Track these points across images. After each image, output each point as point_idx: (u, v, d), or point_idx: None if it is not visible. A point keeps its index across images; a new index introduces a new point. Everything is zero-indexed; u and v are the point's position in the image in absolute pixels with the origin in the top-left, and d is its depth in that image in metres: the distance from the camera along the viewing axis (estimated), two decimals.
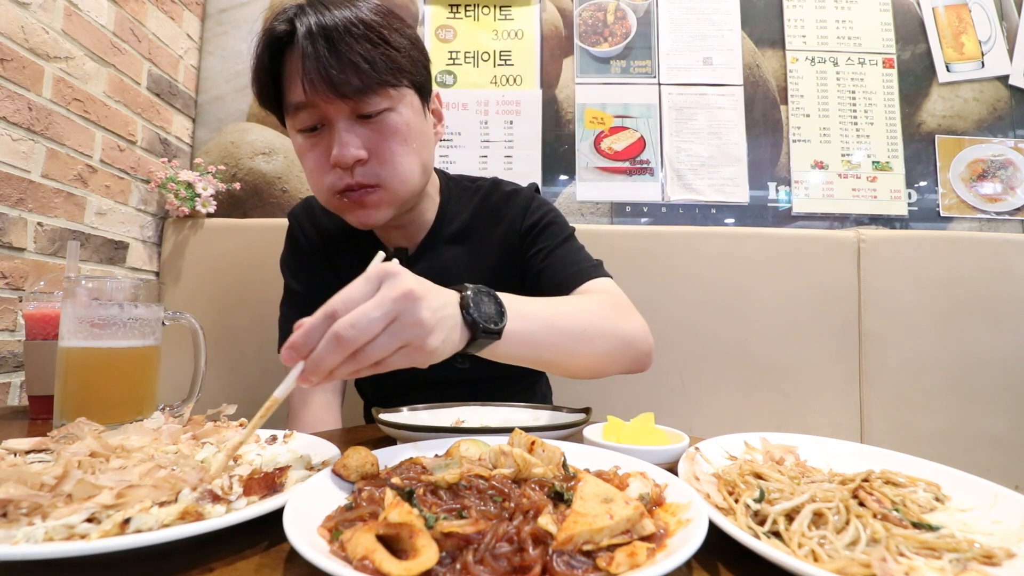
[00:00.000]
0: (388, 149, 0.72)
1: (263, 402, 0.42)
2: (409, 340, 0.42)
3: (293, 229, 0.93)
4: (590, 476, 0.35)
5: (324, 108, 0.69)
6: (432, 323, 0.43)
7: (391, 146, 0.72)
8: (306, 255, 0.90)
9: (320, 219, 0.91)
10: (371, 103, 0.69)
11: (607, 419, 0.57)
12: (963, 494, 0.39)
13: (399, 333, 0.41)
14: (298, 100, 0.69)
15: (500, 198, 0.89)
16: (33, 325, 0.79)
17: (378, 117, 0.70)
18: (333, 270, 0.89)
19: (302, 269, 0.90)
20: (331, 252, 0.89)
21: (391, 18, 0.71)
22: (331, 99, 0.67)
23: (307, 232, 0.91)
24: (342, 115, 0.69)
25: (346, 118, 0.70)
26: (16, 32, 0.96)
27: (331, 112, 0.69)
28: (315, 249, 0.90)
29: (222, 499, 0.35)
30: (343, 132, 0.69)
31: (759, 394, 1.29)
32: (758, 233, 1.37)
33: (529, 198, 0.89)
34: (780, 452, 0.49)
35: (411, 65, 0.72)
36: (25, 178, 0.99)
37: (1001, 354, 1.26)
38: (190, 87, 1.48)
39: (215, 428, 0.50)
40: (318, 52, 0.65)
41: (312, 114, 0.70)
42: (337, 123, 0.69)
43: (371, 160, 0.71)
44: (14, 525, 0.30)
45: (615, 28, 1.55)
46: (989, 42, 1.53)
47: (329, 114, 0.69)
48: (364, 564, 0.26)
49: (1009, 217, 1.48)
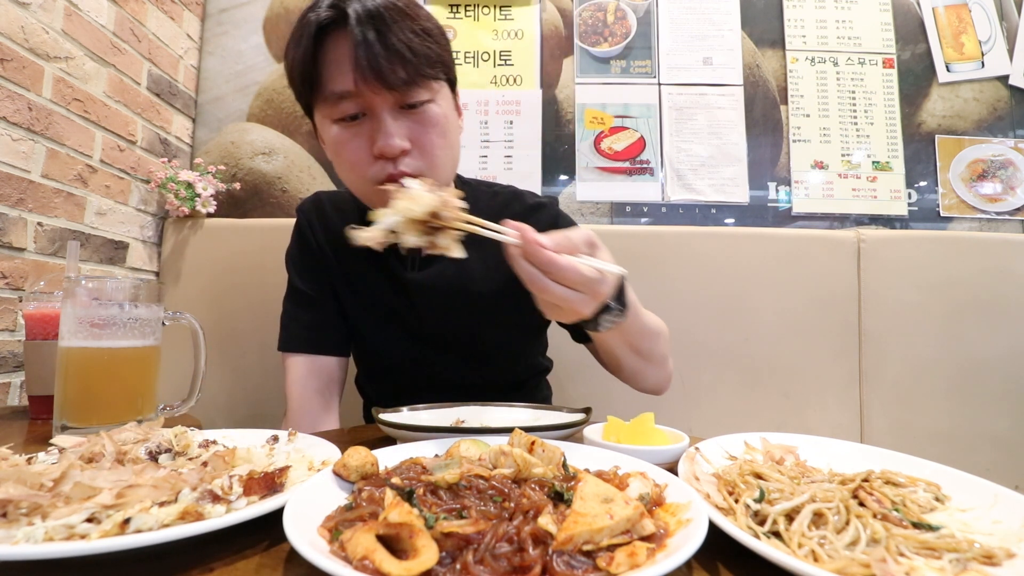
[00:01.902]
0: (429, 141, 0.71)
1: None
2: (591, 291, 0.53)
3: (301, 225, 0.91)
4: (590, 476, 0.35)
5: (369, 98, 0.67)
6: (608, 290, 0.55)
7: (432, 138, 0.71)
8: (313, 252, 0.89)
9: (330, 216, 0.89)
10: (416, 94, 0.69)
11: (607, 419, 0.57)
12: (963, 494, 0.39)
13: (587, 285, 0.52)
14: (343, 88, 0.67)
15: (524, 209, 0.88)
16: (33, 325, 0.79)
17: (420, 108, 0.70)
18: (340, 268, 0.87)
19: (308, 266, 0.89)
20: (339, 250, 0.88)
21: (421, 10, 0.71)
22: (379, 89, 0.66)
23: (316, 229, 0.89)
24: (387, 105, 0.68)
25: (391, 108, 0.69)
26: (16, 32, 0.96)
27: (376, 102, 0.68)
28: (323, 246, 0.88)
29: (222, 499, 0.34)
30: (390, 122, 0.68)
31: (759, 394, 1.29)
32: (758, 233, 1.37)
33: (556, 215, 0.89)
34: (780, 452, 0.49)
35: (448, 58, 0.74)
36: (25, 178, 0.99)
37: (1001, 354, 1.26)
38: (190, 87, 1.48)
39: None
40: (368, 39, 0.64)
41: (355, 103, 0.68)
42: (382, 113, 0.68)
43: (413, 151, 0.70)
44: (14, 525, 0.30)
45: (615, 28, 1.55)
46: (989, 42, 1.53)
47: (374, 104, 0.68)
48: (364, 564, 0.26)
49: (1009, 217, 1.48)
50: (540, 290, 0.52)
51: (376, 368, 0.94)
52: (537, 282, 0.51)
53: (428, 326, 0.86)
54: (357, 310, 0.88)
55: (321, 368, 0.86)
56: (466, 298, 0.84)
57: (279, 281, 0.92)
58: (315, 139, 1.48)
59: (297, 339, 0.86)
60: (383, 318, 0.87)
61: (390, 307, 0.86)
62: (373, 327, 0.88)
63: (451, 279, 0.83)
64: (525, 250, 0.51)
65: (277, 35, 1.53)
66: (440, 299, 0.84)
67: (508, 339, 0.90)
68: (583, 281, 0.51)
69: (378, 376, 0.95)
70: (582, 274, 0.51)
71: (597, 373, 0.91)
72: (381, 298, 0.86)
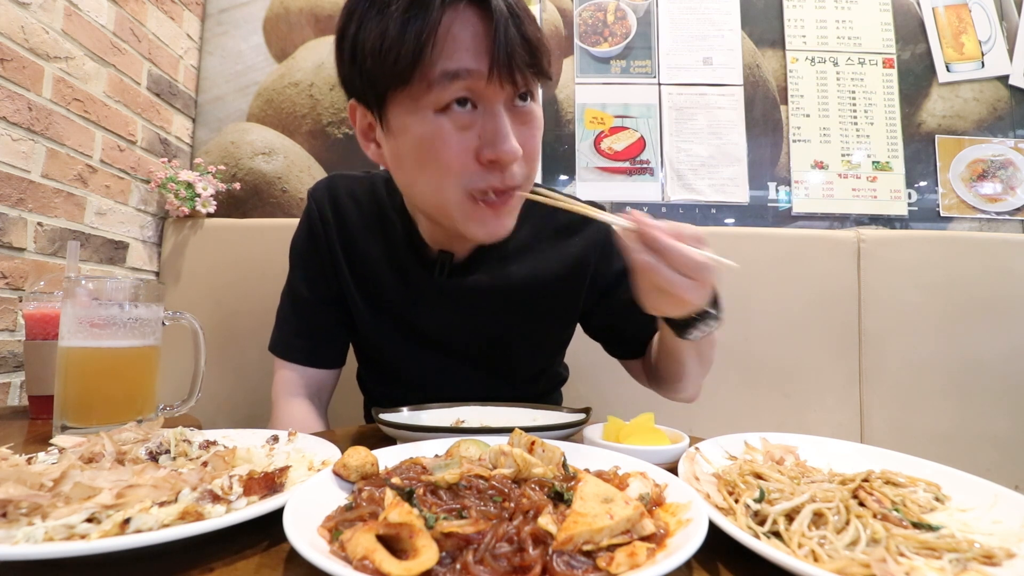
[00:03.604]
0: (533, 146, 0.62)
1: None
2: (703, 279, 0.52)
3: (312, 214, 0.81)
4: (590, 476, 0.35)
5: (486, 87, 0.56)
6: (715, 281, 0.54)
7: (536, 143, 0.63)
8: (320, 250, 0.80)
9: (344, 207, 0.80)
10: (532, 90, 0.60)
11: (607, 419, 0.57)
12: (963, 494, 0.39)
13: (700, 272, 0.51)
14: (469, 67, 0.55)
15: (570, 221, 0.80)
16: (33, 325, 0.79)
17: (527, 107, 0.61)
18: (352, 270, 0.79)
19: (312, 267, 0.82)
20: (351, 249, 0.80)
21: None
22: (509, 77, 0.56)
23: (327, 221, 0.80)
24: (506, 99, 0.58)
25: (507, 103, 0.58)
26: (16, 32, 0.96)
27: (494, 93, 0.57)
28: (333, 243, 0.79)
29: (222, 499, 0.34)
30: (508, 121, 0.58)
31: (759, 394, 1.29)
32: (758, 233, 1.37)
33: (605, 232, 0.80)
34: (780, 452, 0.49)
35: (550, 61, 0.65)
36: (25, 178, 0.99)
37: (1001, 354, 1.26)
38: (190, 87, 1.48)
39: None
40: (507, 21, 0.55)
41: (468, 88, 0.56)
42: (497, 107, 0.57)
43: (520, 158, 0.60)
44: (14, 525, 0.30)
45: (615, 28, 1.55)
46: (989, 42, 1.53)
47: (491, 95, 0.57)
48: (364, 564, 0.26)
49: (1009, 217, 1.48)
50: (655, 274, 0.50)
51: (386, 377, 0.88)
52: (652, 267, 0.50)
53: (455, 338, 0.80)
54: (369, 319, 0.80)
55: (311, 379, 0.81)
56: (504, 306, 0.78)
57: (279, 280, 0.91)
58: (315, 139, 1.51)
59: (290, 347, 0.81)
60: (400, 329, 0.80)
61: (409, 318, 0.79)
62: (387, 337, 0.81)
63: (494, 289, 0.77)
64: (642, 233, 0.50)
65: (277, 35, 1.53)
66: (473, 308, 0.78)
67: (538, 352, 0.86)
68: (696, 267, 0.50)
69: (386, 381, 0.89)
70: (696, 260, 0.50)
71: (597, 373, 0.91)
72: (399, 308, 0.79)
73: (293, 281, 0.84)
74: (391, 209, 0.79)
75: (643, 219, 0.51)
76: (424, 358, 0.82)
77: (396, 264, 0.78)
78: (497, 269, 0.78)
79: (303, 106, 1.50)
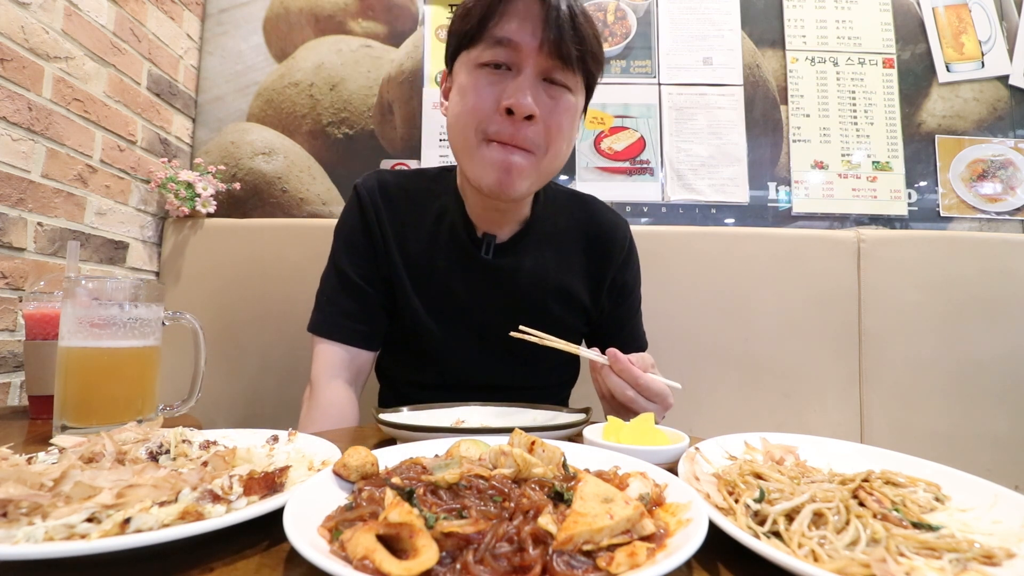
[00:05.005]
0: (556, 121, 0.72)
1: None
2: (665, 402, 0.67)
3: (364, 205, 0.85)
4: (590, 476, 0.35)
5: (525, 55, 0.69)
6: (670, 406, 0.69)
7: (559, 119, 0.72)
8: (374, 237, 0.85)
9: (395, 197, 0.86)
10: (566, 75, 0.71)
11: (607, 419, 0.57)
12: (963, 494, 0.39)
13: (665, 399, 0.67)
14: (505, 36, 0.68)
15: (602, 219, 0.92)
16: (33, 325, 0.79)
17: (560, 91, 0.72)
18: (403, 253, 0.84)
19: (363, 251, 0.85)
20: (405, 232, 0.85)
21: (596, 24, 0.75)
22: (549, 54, 0.68)
23: (380, 210, 0.85)
24: (538, 69, 0.70)
25: (539, 73, 0.70)
26: (16, 32, 0.96)
27: (529, 62, 0.69)
28: (386, 231, 0.85)
29: (222, 499, 0.34)
30: (533, 83, 0.69)
31: (759, 394, 1.29)
32: (758, 233, 1.37)
33: (629, 238, 0.94)
34: (780, 452, 0.49)
35: (598, 71, 0.76)
36: (25, 178, 0.99)
37: (1001, 354, 1.26)
38: (190, 87, 1.48)
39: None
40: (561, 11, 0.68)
41: (511, 53, 0.69)
42: (527, 70, 0.69)
43: (538, 123, 0.70)
44: (14, 525, 0.30)
45: (615, 28, 1.55)
46: (989, 42, 1.53)
47: (525, 62, 0.69)
48: (364, 564, 0.26)
49: (1009, 217, 1.48)
50: (627, 400, 0.64)
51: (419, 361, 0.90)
52: (625, 392, 0.64)
53: (492, 319, 0.84)
54: (414, 299, 0.85)
55: (353, 360, 0.84)
56: (539, 288, 0.86)
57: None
58: (315, 139, 1.51)
59: (335, 327, 0.83)
60: (444, 310, 0.85)
61: (459, 299, 0.85)
62: (427, 319, 0.85)
63: (528, 273, 0.85)
64: (617, 367, 0.65)
65: (277, 35, 1.53)
66: (513, 286, 0.85)
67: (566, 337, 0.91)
68: (659, 394, 0.65)
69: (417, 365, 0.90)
70: (659, 389, 0.65)
71: None
72: (445, 283, 0.84)
73: (338, 263, 0.86)
74: (443, 193, 0.87)
75: (619, 355, 0.65)
76: (460, 339, 0.86)
77: (444, 241, 0.85)
78: (535, 251, 0.86)
79: (303, 106, 1.50)
